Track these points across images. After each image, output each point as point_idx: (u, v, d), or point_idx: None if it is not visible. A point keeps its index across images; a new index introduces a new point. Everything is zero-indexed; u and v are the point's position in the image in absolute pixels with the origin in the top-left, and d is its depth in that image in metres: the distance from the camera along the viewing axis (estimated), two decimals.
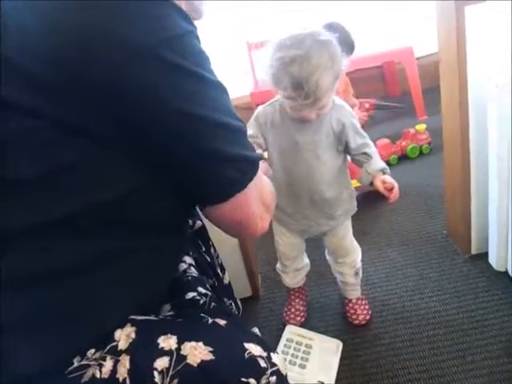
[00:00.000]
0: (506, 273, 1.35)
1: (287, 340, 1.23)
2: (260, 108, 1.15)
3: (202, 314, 0.68)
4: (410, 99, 2.66)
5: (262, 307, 1.48)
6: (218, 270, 0.94)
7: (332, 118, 1.09)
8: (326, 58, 0.95)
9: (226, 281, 0.97)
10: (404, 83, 2.72)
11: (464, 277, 1.43)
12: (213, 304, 0.75)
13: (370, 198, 1.81)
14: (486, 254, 1.43)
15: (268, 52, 0.99)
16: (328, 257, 1.35)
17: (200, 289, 0.76)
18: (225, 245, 1.35)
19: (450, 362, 1.16)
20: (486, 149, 1.27)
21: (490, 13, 1.16)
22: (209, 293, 0.77)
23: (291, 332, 1.26)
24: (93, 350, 0.57)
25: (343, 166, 1.18)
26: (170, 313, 0.71)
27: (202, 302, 0.74)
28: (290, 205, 1.19)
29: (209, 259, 0.90)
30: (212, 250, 0.95)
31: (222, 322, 0.68)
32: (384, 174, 1.11)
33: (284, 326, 1.32)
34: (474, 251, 1.49)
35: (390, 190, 1.09)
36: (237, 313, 0.93)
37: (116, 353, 0.57)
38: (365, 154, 1.12)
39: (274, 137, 1.13)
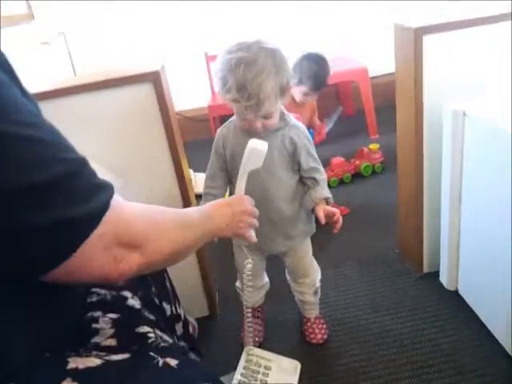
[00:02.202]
0: (456, 292, 1.40)
1: (246, 361, 1.21)
2: (217, 131, 1.18)
3: (152, 353, 0.66)
4: (362, 118, 2.75)
5: (219, 327, 1.45)
6: (169, 307, 0.91)
7: (285, 137, 1.11)
8: (271, 63, 0.99)
9: (181, 314, 0.94)
10: (358, 102, 2.80)
11: (416, 295, 1.47)
12: (162, 344, 0.72)
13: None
14: (437, 273, 1.47)
15: (217, 60, 1.03)
16: (288, 276, 1.35)
17: (148, 328, 0.73)
18: (181, 263, 1.33)
19: (405, 382, 1.18)
20: (439, 171, 1.32)
21: (447, 42, 1.22)
22: (158, 332, 0.74)
23: (249, 353, 1.24)
24: None
25: (299, 185, 1.18)
26: (114, 343, 0.67)
27: (152, 339, 0.71)
28: None
29: (157, 301, 0.87)
30: (167, 284, 0.92)
31: (174, 363, 0.65)
32: (328, 203, 1.15)
33: (242, 346, 1.30)
34: (425, 270, 1.54)
35: (332, 217, 1.12)
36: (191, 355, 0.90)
37: None
38: (313, 179, 1.16)
39: (229, 154, 1.15)
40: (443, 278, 1.44)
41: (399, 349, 1.28)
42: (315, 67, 2.08)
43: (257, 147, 0.97)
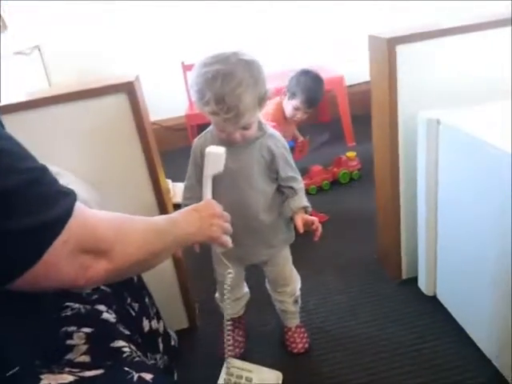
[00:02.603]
0: (434, 297, 1.42)
1: (227, 374, 1.20)
2: (194, 141, 1.17)
3: (126, 368, 0.65)
4: (339, 125, 2.77)
5: (199, 339, 1.44)
6: (148, 322, 0.89)
7: (263, 146, 1.11)
8: (249, 75, 0.98)
9: (160, 329, 0.93)
10: (335, 110, 2.83)
11: (396, 301, 1.48)
12: (137, 358, 0.71)
13: None
14: (415, 279, 1.49)
15: (193, 71, 1.01)
16: (268, 286, 1.34)
17: (123, 343, 0.72)
18: (160, 275, 1.31)
19: None
20: (415, 179, 1.34)
21: (420, 52, 1.24)
22: (132, 346, 0.73)
23: (231, 365, 1.23)
24: None
25: (277, 194, 1.18)
26: (88, 359, 0.66)
27: (126, 353, 0.70)
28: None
29: (133, 313, 0.85)
30: (146, 300, 0.91)
31: (149, 377, 0.64)
32: (306, 211, 1.15)
33: (223, 358, 1.28)
34: (404, 276, 1.55)
35: (311, 225, 1.13)
36: (165, 364, 0.89)
37: None
38: (291, 188, 1.16)
39: None
40: (421, 284, 1.46)
41: (380, 355, 1.29)
42: (311, 83, 2.07)
43: (215, 151, 1.00)
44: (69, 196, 0.59)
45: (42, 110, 1.14)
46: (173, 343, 1.04)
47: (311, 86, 2.06)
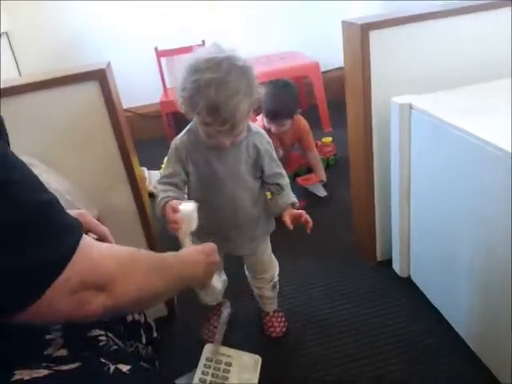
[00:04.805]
0: (409, 278, 1.45)
1: (207, 360, 1.20)
2: (177, 139, 1.11)
3: (103, 360, 0.64)
4: (316, 112, 2.78)
5: (178, 327, 1.44)
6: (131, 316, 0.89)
7: (249, 144, 1.09)
8: (245, 83, 0.93)
9: (141, 320, 0.92)
10: (311, 96, 2.84)
11: (371, 284, 1.51)
12: (114, 347, 0.71)
13: None
14: (390, 261, 1.52)
15: (182, 74, 0.95)
16: (247, 272, 1.35)
17: (100, 331, 0.72)
18: None
19: (363, 369, 1.22)
20: (388, 163, 1.36)
21: (393, 37, 1.25)
22: (110, 334, 0.73)
23: (210, 351, 1.24)
24: None
25: (261, 188, 1.18)
26: (65, 353, 0.65)
27: (103, 342, 0.70)
28: (213, 231, 1.15)
29: None
30: None
31: (126, 368, 0.64)
32: (293, 206, 1.15)
33: (202, 344, 1.29)
34: (379, 258, 1.58)
35: (299, 219, 1.12)
36: (148, 355, 0.88)
37: None
38: (278, 184, 1.15)
39: (192, 165, 1.10)
40: (396, 266, 1.49)
41: (356, 337, 1.32)
42: (269, 94, 1.91)
43: (187, 210, 0.96)
44: (74, 231, 0.57)
45: (13, 98, 1.11)
46: (155, 335, 1.03)
47: (271, 98, 1.94)
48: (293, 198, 1.15)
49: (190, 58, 0.94)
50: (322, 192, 2.10)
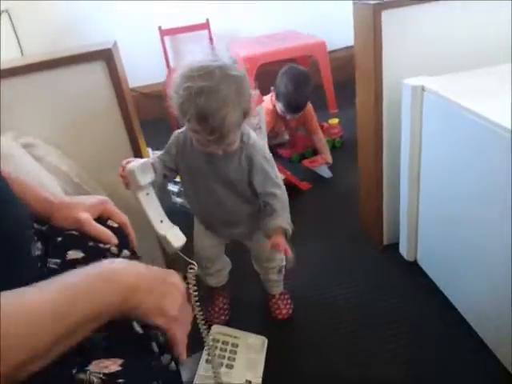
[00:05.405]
0: (415, 262, 1.45)
1: (213, 340, 1.22)
2: (176, 132, 1.11)
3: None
4: (321, 92, 2.75)
5: None
6: None
7: (242, 156, 1.06)
8: (235, 93, 0.92)
9: None
10: (316, 76, 2.80)
11: (376, 267, 1.51)
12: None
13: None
14: (397, 245, 1.52)
15: (176, 80, 0.94)
16: (253, 260, 1.35)
17: None
18: (143, 241, 1.31)
19: (371, 351, 1.22)
20: (398, 145, 1.34)
21: (406, 18, 1.22)
22: None
23: (217, 332, 1.25)
24: None
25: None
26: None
27: None
28: (207, 221, 1.21)
29: None
30: None
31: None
32: (286, 234, 1.08)
33: (209, 325, 1.30)
34: (385, 242, 1.58)
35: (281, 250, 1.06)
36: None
37: None
38: (270, 205, 1.08)
39: (184, 166, 1.10)
40: (403, 249, 1.49)
41: (362, 320, 1.32)
42: (291, 88, 1.98)
43: (130, 168, 0.97)
44: None
45: (17, 79, 1.10)
46: None
47: (291, 91, 1.97)
48: (282, 223, 1.06)
49: (185, 65, 0.93)
50: (327, 173, 2.09)
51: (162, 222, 1.00)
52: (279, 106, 2.07)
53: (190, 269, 0.90)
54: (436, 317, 1.29)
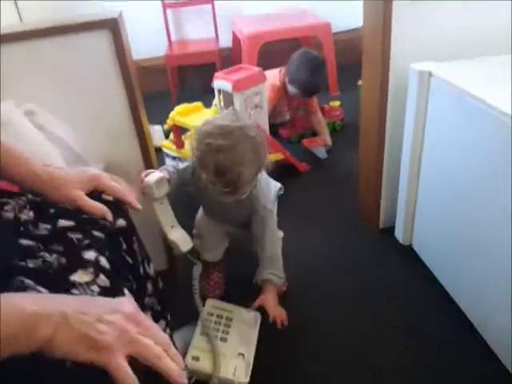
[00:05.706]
0: (410, 247, 1.47)
1: (208, 314, 1.23)
2: (181, 173, 1.20)
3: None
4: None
5: (179, 281, 1.46)
6: (142, 270, 0.88)
7: (248, 200, 1.15)
8: (253, 153, 1.01)
9: (150, 273, 0.92)
10: None
11: (371, 250, 1.53)
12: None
13: (283, 173, 1.85)
14: (392, 229, 1.53)
15: (197, 137, 1.04)
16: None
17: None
18: (140, 214, 1.31)
19: (363, 331, 1.25)
20: (401, 130, 1.34)
21: (417, 3, 1.21)
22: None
23: (211, 306, 1.27)
24: None
25: None
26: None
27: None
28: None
29: (130, 261, 0.82)
30: (135, 247, 0.88)
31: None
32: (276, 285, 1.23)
33: (204, 298, 1.31)
34: (381, 225, 1.59)
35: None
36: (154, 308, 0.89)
37: None
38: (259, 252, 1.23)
39: (196, 193, 1.22)
40: (398, 233, 1.50)
41: (357, 302, 1.35)
42: (305, 74, 1.99)
43: (147, 182, 1.08)
44: None
45: (17, 44, 1.07)
46: (161, 286, 1.04)
47: (306, 78, 2.00)
48: (268, 275, 1.21)
49: (209, 121, 1.04)
50: (322, 154, 2.11)
51: (172, 227, 1.14)
52: (291, 89, 2.07)
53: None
54: (429, 303, 1.31)
